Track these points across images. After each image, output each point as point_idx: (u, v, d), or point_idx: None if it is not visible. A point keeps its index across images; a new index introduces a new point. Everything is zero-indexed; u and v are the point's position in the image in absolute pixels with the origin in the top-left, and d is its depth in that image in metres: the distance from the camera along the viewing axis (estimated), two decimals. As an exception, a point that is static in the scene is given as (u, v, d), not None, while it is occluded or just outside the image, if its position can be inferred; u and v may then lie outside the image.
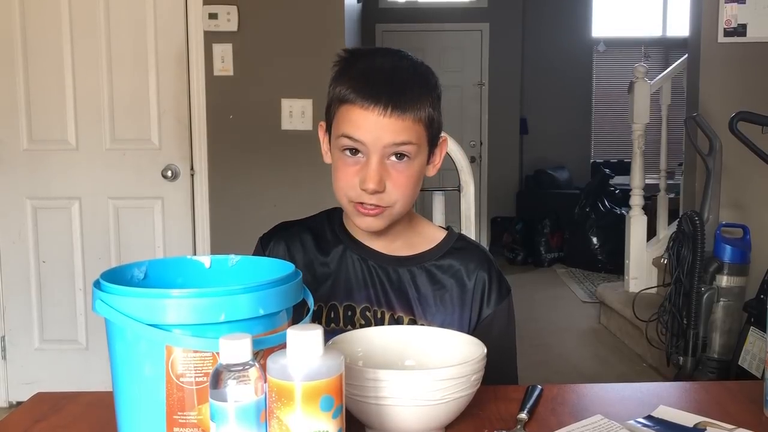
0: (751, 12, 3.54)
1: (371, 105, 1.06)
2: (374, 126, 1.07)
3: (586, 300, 5.22)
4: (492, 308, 1.20)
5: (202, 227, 3.16)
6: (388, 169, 1.09)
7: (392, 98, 1.06)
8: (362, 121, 1.07)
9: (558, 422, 0.94)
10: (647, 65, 4.55)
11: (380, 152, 1.08)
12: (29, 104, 3.08)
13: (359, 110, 1.07)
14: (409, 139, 1.08)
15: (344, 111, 1.09)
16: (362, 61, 1.13)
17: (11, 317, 3.19)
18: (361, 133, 1.07)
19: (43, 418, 0.99)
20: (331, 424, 0.71)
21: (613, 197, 6.46)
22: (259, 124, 3.14)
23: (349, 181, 1.11)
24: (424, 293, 1.19)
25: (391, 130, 1.07)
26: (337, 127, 1.11)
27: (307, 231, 1.25)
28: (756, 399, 0.99)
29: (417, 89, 1.10)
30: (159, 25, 3.07)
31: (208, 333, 0.76)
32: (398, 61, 1.14)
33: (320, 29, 3.10)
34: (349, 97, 1.08)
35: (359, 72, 1.10)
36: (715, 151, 3.08)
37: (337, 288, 1.19)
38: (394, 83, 1.09)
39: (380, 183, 1.08)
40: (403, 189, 1.11)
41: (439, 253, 1.21)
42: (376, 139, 1.07)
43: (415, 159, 1.11)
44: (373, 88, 1.07)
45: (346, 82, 1.09)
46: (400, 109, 1.07)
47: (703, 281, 2.84)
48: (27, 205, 3.13)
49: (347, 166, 1.11)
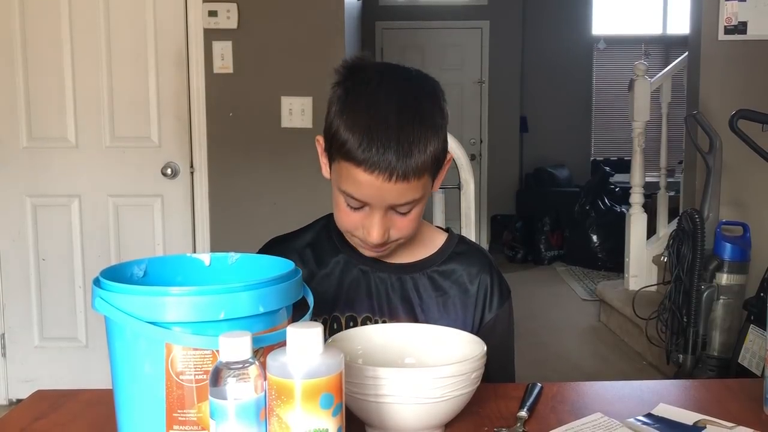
0: (751, 10, 3.54)
1: (375, 170, 0.99)
2: (378, 190, 1.02)
3: (586, 298, 5.22)
4: (494, 311, 1.19)
5: (202, 225, 3.16)
6: (392, 218, 1.07)
7: (397, 165, 0.99)
8: (365, 185, 1.01)
9: (558, 420, 0.94)
10: (647, 63, 4.54)
11: (384, 209, 1.05)
12: (29, 102, 3.08)
13: (362, 173, 1.00)
14: (414, 197, 1.04)
15: (347, 168, 1.02)
16: (365, 102, 1.03)
17: (11, 315, 3.19)
18: (364, 194, 1.03)
19: (43, 415, 0.99)
20: (331, 422, 0.70)
21: (613, 195, 6.47)
22: (258, 122, 3.14)
23: (351, 223, 1.08)
24: (427, 300, 1.17)
25: (395, 193, 1.02)
26: (338, 177, 1.05)
27: (303, 244, 1.22)
28: (756, 397, 0.99)
29: (424, 140, 1.02)
30: (159, 23, 3.06)
31: (207, 331, 0.76)
32: (404, 100, 1.04)
33: (320, 27, 3.10)
34: (352, 156, 1.00)
35: (362, 122, 1.01)
36: (715, 149, 3.08)
37: (338, 300, 1.17)
38: (399, 147, 1.00)
39: (384, 235, 1.06)
40: (407, 230, 1.09)
41: (441, 258, 1.20)
42: (380, 200, 1.03)
43: (420, 202, 1.08)
44: (378, 153, 0.99)
45: (350, 132, 1.00)
46: (405, 175, 1.00)
47: (703, 279, 2.84)
48: (27, 203, 3.13)
49: (349, 211, 1.07)
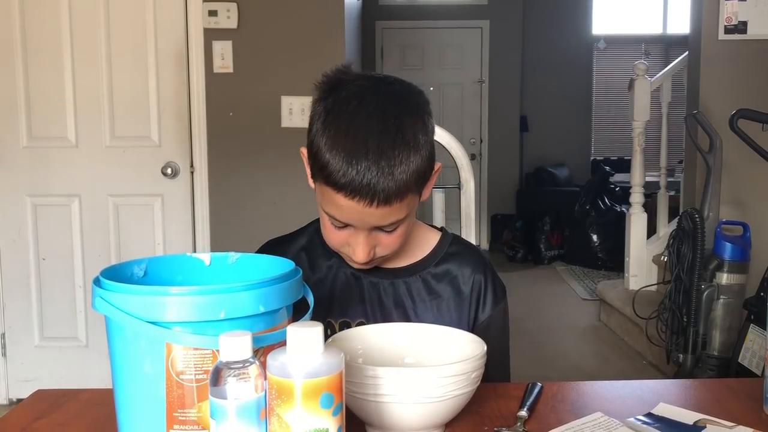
0: (751, 9, 3.54)
1: (356, 197, 0.98)
2: (359, 214, 1.01)
3: (586, 297, 5.22)
4: (489, 311, 1.19)
5: (202, 224, 3.16)
6: (377, 236, 1.06)
7: (380, 190, 0.98)
8: (347, 209, 1.01)
9: (558, 420, 0.94)
10: (647, 63, 4.55)
11: (367, 230, 1.04)
12: (29, 102, 3.08)
13: (343, 199, 0.99)
14: (398, 218, 1.03)
15: (328, 191, 1.01)
16: (345, 123, 1.01)
17: (11, 315, 3.19)
18: (347, 217, 1.02)
19: (43, 415, 0.99)
20: (331, 422, 0.71)
21: (613, 195, 6.47)
22: (259, 122, 3.14)
23: (338, 241, 1.08)
24: (421, 305, 1.16)
25: (377, 217, 1.01)
26: (321, 197, 1.05)
27: (297, 248, 1.21)
28: (756, 396, 0.99)
29: (406, 162, 1.00)
30: (159, 23, 3.06)
31: (208, 330, 0.76)
32: (385, 123, 1.00)
33: (320, 26, 3.10)
34: (334, 181, 0.99)
35: (343, 145, 0.99)
36: (715, 148, 3.08)
37: (332, 305, 1.16)
38: (381, 168, 0.98)
39: (369, 254, 1.06)
40: (394, 246, 1.08)
41: (434, 260, 1.19)
42: (363, 223, 1.03)
43: (406, 220, 1.06)
44: (359, 177, 0.97)
45: (328, 156, 0.99)
46: (386, 199, 0.99)
47: (703, 279, 2.84)
48: (27, 203, 3.13)
49: (334, 229, 1.07)
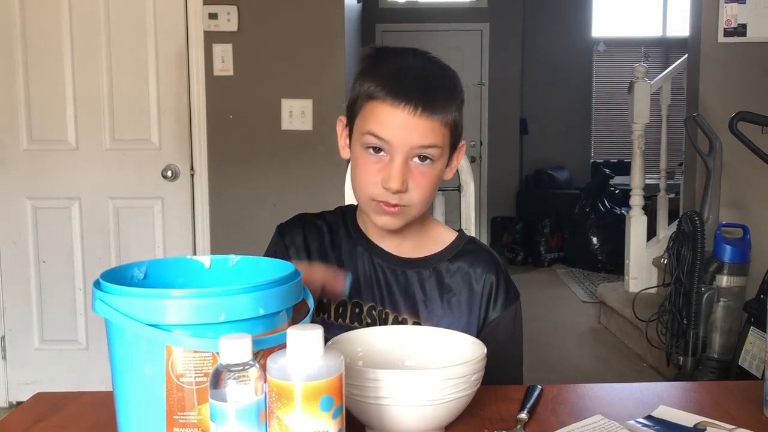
0: (751, 12, 3.54)
1: (401, 103, 1.05)
2: (402, 125, 1.05)
3: (586, 300, 5.22)
4: (498, 312, 1.19)
5: (202, 227, 3.16)
6: (411, 169, 1.08)
7: (423, 98, 1.05)
8: (390, 120, 1.06)
9: (558, 422, 0.94)
10: (647, 65, 4.55)
11: (405, 152, 1.07)
12: (29, 104, 3.08)
13: (388, 108, 1.05)
14: (435, 142, 1.08)
15: (372, 107, 1.08)
16: (392, 59, 1.13)
17: (11, 317, 3.19)
18: (388, 131, 1.06)
19: (43, 418, 0.99)
20: (331, 424, 0.71)
21: (613, 197, 6.47)
22: (259, 125, 3.14)
23: (370, 178, 1.09)
24: (432, 296, 1.17)
25: (419, 131, 1.06)
26: (362, 123, 1.10)
27: (324, 224, 1.25)
28: (756, 399, 0.99)
29: (446, 92, 1.10)
30: (159, 25, 3.07)
31: (208, 333, 0.76)
32: (428, 62, 1.13)
33: (320, 29, 3.10)
34: (379, 93, 1.06)
35: (390, 69, 1.09)
36: (715, 151, 3.08)
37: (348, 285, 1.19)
38: (425, 84, 1.08)
39: (404, 183, 1.07)
40: (423, 190, 1.10)
41: (448, 255, 1.20)
42: (403, 138, 1.06)
43: (438, 161, 1.10)
44: (404, 86, 1.06)
45: (375, 79, 1.08)
46: (430, 110, 1.05)
47: (703, 281, 2.84)
48: (27, 205, 3.13)
49: (369, 163, 1.09)
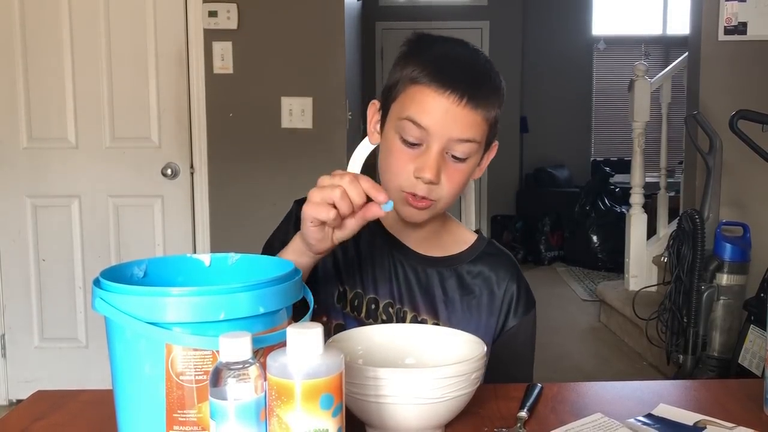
0: (751, 10, 3.54)
1: (447, 90, 1.00)
2: (444, 113, 1.01)
3: (586, 298, 5.22)
4: (518, 319, 1.17)
5: (202, 225, 3.16)
6: (445, 162, 1.04)
7: (469, 88, 1.01)
8: (433, 106, 1.01)
9: (558, 420, 0.94)
10: (647, 63, 4.55)
11: (443, 143, 1.02)
12: (29, 103, 3.08)
13: (432, 93, 1.01)
14: (475, 137, 1.03)
15: (414, 92, 1.03)
16: (439, 46, 1.08)
17: (11, 315, 3.19)
18: (429, 118, 1.01)
19: (43, 416, 0.99)
20: (331, 423, 0.70)
21: (613, 195, 6.47)
22: (259, 123, 3.14)
23: (403, 167, 1.04)
24: (452, 297, 1.15)
25: (460, 122, 1.01)
26: (401, 108, 1.05)
27: None
28: (756, 397, 0.99)
29: (492, 86, 1.06)
30: (159, 24, 3.06)
31: (208, 331, 0.76)
32: (476, 54, 1.09)
33: (320, 27, 3.10)
34: (423, 78, 1.01)
35: (437, 55, 1.05)
36: (715, 149, 3.08)
37: (364, 276, 1.15)
38: (472, 74, 1.04)
39: (437, 175, 1.03)
40: (455, 185, 1.06)
41: (470, 257, 1.18)
42: (444, 128, 1.01)
43: (472, 158, 1.06)
44: (452, 73, 1.01)
45: (420, 63, 1.03)
46: (475, 102, 1.01)
47: (703, 279, 2.84)
48: (27, 204, 3.13)
49: (403, 152, 1.04)
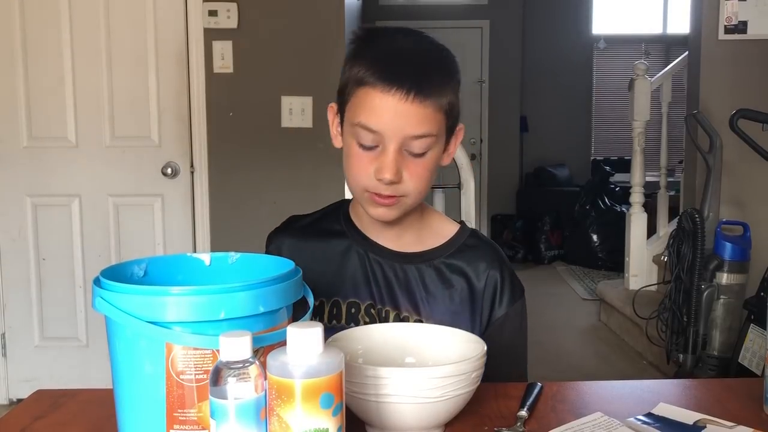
0: (751, 9, 3.54)
1: (392, 88, 0.98)
2: (394, 113, 0.99)
3: (586, 297, 5.22)
4: (504, 309, 1.15)
5: (202, 225, 3.16)
6: (405, 159, 1.03)
7: (415, 82, 0.99)
8: (381, 107, 1.00)
9: (558, 420, 0.94)
10: (648, 62, 4.55)
11: (399, 142, 1.01)
12: (29, 102, 3.08)
13: (378, 94, 0.99)
14: (430, 131, 1.02)
15: (361, 95, 1.02)
16: (382, 41, 1.06)
17: (11, 314, 3.19)
18: (379, 121, 1.00)
19: (43, 415, 0.99)
20: (331, 422, 0.70)
21: (613, 195, 6.47)
22: (259, 122, 3.14)
23: (363, 169, 1.04)
24: (433, 292, 1.13)
25: (411, 119, 1.00)
26: (352, 113, 1.04)
27: (314, 224, 1.21)
28: (756, 396, 0.99)
29: (440, 73, 1.03)
30: (159, 23, 3.06)
31: (208, 330, 0.76)
32: (420, 42, 1.07)
33: (320, 27, 3.10)
34: (368, 79, 1.00)
35: (379, 52, 1.03)
36: (715, 148, 3.08)
37: (340, 284, 1.14)
38: (417, 66, 1.01)
39: (397, 174, 1.02)
40: (419, 180, 1.05)
41: (449, 250, 1.16)
42: (395, 128, 1.00)
43: (433, 149, 1.05)
44: (395, 69, 1.00)
45: (364, 63, 1.02)
46: (423, 95, 0.99)
47: (704, 279, 2.84)
48: (27, 203, 3.13)
49: (362, 155, 1.04)
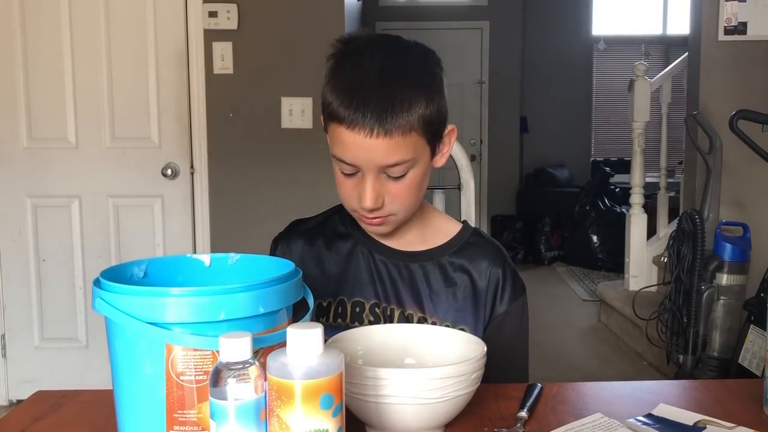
0: (751, 10, 3.54)
1: (356, 126, 1.01)
2: (362, 149, 1.02)
3: (587, 298, 5.22)
4: (505, 306, 1.17)
5: (202, 226, 3.16)
6: (384, 184, 1.06)
7: (377, 118, 1.00)
8: (350, 144, 1.03)
9: (558, 421, 0.94)
10: (647, 63, 4.55)
11: (374, 171, 1.04)
12: (29, 103, 3.08)
13: (346, 131, 1.02)
14: (402, 158, 1.03)
15: (333, 129, 1.05)
16: (351, 65, 1.06)
17: (11, 315, 3.19)
18: (351, 156, 1.04)
19: (43, 416, 0.99)
20: (331, 423, 0.70)
21: (613, 195, 6.47)
22: (259, 123, 3.14)
23: (349, 194, 1.09)
24: (437, 290, 1.16)
25: (379, 151, 1.02)
26: (330, 142, 1.08)
27: (318, 227, 1.23)
28: (756, 397, 0.99)
29: (405, 94, 1.02)
30: (159, 24, 3.06)
31: (208, 331, 0.76)
32: (388, 60, 1.06)
33: (320, 27, 3.09)
34: (336, 113, 1.03)
35: (346, 82, 1.04)
36: (715, 149, 3.08)
37: (345, 283, 1.17)
38: (379, 97, 1.01)
39: (377, 200, 1.06)
40: (402, 199, 1.08)
41: (452, 248, 1.18)
42: (367, 161, 1.03)
43: (414, 168, 1.06)
44: (357, 105, 1.01)
45: (333, 94, 1.04)
46: (387, 126, 1.00)
47: (704, 279, 2.84)
48: (27, 204, 3.13)
49: (345, 181, 1.08)
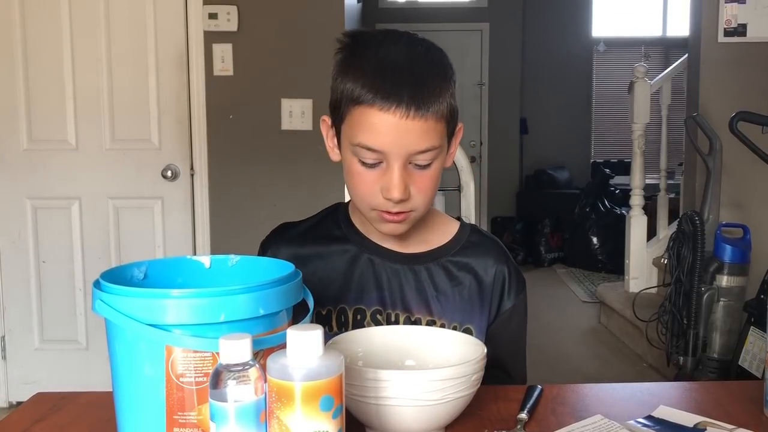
0: (751, 12, 3.54)
1: (392, 106, 0.95)
2: (395, 131, 0.96)
3: (586, 300, 5.22)
4: (512, 301, 1.16)
5: (202, 227, 3.16)
6: (410, 173, 1.01)
7: (414, 97, 0.95)
8: (382, 127, 0.96)
9: (558, 422, 0.94)
10: (647, 65, 4.55)
11: (403, 159, 0.99)
12: (29, 104, 3.08)
13: (377, 113, 0.96)
14: (433, 143, 0.99)
15: (358, 114, 0.98)
16: (372, 51, 1.01)
17: (11, 317, 3.19)
18: (382, 141, 0.97)
19: (43, 418, 0.99)
20: (331, 425, 0.70)
21: (613, 197, 6.47)
22: (259, 125, 3.14)
23: (369, 189, 1.02)
24: (444, 290, 1.13)
25: (414, 135, 0.97)
26: (351, 132, 1.00)
27: (311, 231, 1.18)
28: (756, 399, 0.99)
29: (437, 80, 0.99)
30: (159, 25, 3.07)
31: (208, 333, 0.76)
32: (412, 48, 1.02)
33: (320, 29, 3.10)
34: (364, 97, 0.96)
35: (372, 65, 0.98)
36: (715, 150, 3.08)
37: (346, 291, 1.13)
38: (413, 78, 0.97)
39: (405, 191, 1.00)
40: (427, 192, 1.03)
41: (455, 248, 1.16)
42: (399, 145, 0.97)
43: (438, 159, 1.03)
44: (391, 85, 0.95)
45: (358, 78, 0.97)
46: (424, 108, 0.96)
47: (704, 281, 2.84)
48: (27, 205, 3.13)
49: (365, 173, 1.01)
